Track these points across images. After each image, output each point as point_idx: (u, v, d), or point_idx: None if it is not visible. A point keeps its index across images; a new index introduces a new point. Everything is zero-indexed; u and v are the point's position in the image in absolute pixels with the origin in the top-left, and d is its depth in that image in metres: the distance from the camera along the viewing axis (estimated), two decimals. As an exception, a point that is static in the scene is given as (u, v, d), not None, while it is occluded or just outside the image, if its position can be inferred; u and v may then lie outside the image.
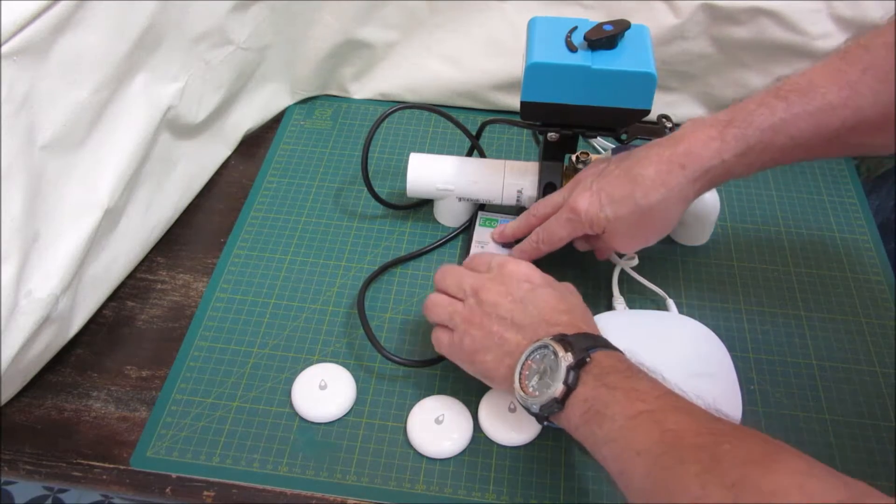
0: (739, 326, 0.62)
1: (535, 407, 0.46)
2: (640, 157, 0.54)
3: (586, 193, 0.56)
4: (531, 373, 0.47)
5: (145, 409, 0.57)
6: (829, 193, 0.73)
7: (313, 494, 0.52)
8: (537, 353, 0.47)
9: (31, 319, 0.51)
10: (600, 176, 0.56)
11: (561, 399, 0.45)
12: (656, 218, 0.55)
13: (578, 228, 0.57)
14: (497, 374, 0.50)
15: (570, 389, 0.45)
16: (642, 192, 0.53)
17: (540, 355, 0.47)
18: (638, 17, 0.63)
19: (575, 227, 0.57)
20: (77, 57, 0.52)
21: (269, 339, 0.61)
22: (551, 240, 0.59)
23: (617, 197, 0.55)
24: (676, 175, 0.52)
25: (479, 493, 0.53)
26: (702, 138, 0.52)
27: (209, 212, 0.72)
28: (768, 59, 0.71)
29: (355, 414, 0.57)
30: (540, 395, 0.46)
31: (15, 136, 0.47)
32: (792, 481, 0.35)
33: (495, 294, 0.51)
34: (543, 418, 0.47)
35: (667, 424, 0.41)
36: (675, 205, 0.54)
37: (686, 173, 0.52)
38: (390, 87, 0.81)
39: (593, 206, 0.55)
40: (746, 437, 0.39)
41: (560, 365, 0.45)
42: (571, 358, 0.45)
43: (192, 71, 0.65)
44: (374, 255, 0.67)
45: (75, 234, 0.54)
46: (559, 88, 0.57)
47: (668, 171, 0.53)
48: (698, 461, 0.38)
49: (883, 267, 0.67)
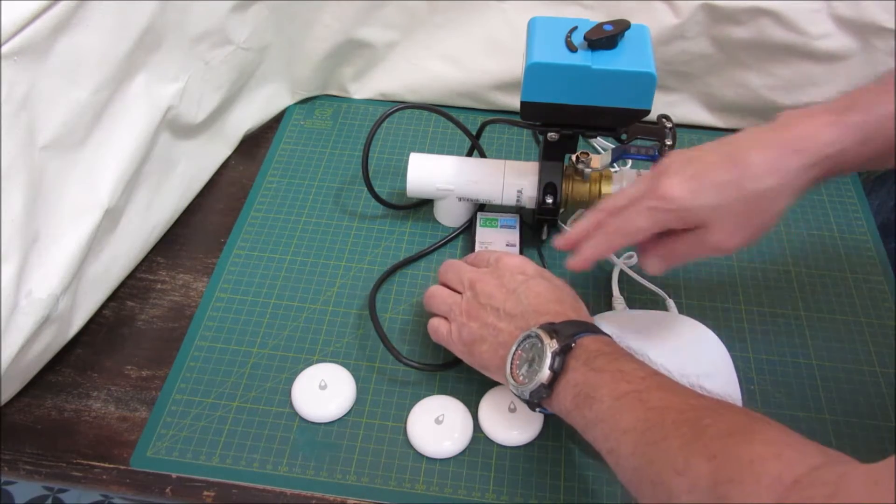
0: (739, 326, 0.62)
1: (525, 394, 0.47)
2: (742, 141, 0.49)
3: (676, 178, 0.48)
4: (521, 361, 0.49)
5: (145, 409, 0.57)
6: (829, 193, 0.73)
7: (313, 494, 0.52)
8: (526, 342, 0.49)
9: (32, 320, 0.51)
10: (690, 162, 0.49)
11: (548, 384, 0.46)
12: (764, 208, 0.48)
13: (664, 220, 0.49)
14: (492, 365, 0.52)
15: (556, 375, 0.46)
16: (751, 176, 0.47)
17: (529, 344, 0.48)
18: (638, 17, 0.63)
19: (660, 219, 0.49)
20: (77, 57, 0.52)
21: (269, 339, 0.61)
22: (627, 229, 0.50)
23: (719, 182, 0.47)
24: (790, 160, 0.47)
25: (479, 493, 0.53)
26: (817, 123, 0.47)
27: (209, 212, 0.72)
28: (768, 59, 0.71)
29: (355, 414, 0.57)
30: (529, 381, 0.47)
31: (15, 136, 0.47)
32: (770, 450, 0.36)
33: (490, 286, 0.53)
34: (535, 405, 0.48)
35: (651, 402, 0.42)
36: (786, 195, 0.48)
37: (801, 159, 0.47)
38: (390, 87, 0.81)
39: (691, 192, 0.48)
40: (727, 411, 0.41)
41: (546, 351, 0.46)
42: (556, 344, 0.46)
43: (192, 71, 0.65)
44: (374, 255, 0.67)
45: (75, 234, 0.54)
46: (559, 88, 0.57)
47: (780, 156, 0.47)
48: (681, 436, 0.39)
49: (883, 267, 0.67)
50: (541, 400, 0.47)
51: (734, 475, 0.36)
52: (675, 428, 0.40)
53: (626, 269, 0.65)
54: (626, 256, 0.65)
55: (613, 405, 0.43)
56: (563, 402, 0.46)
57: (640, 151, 0.62)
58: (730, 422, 0.39)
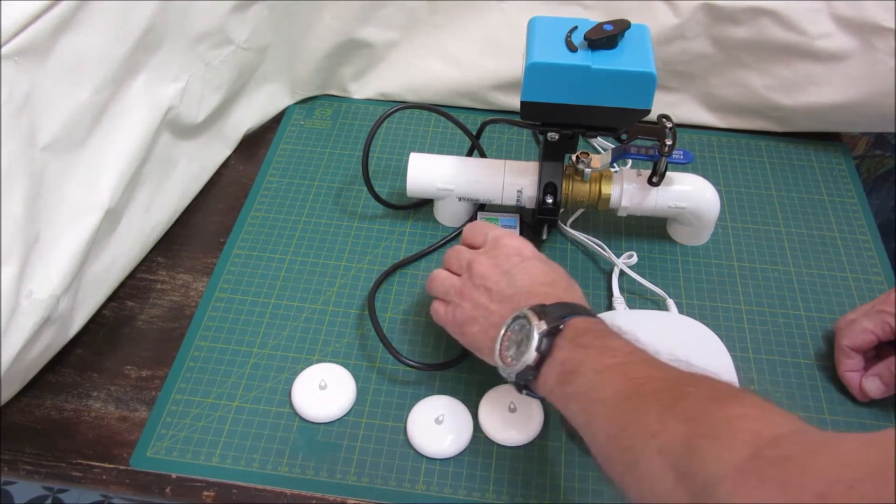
0: (739, 326, 0.62)
1: (511, 375, 0.47)
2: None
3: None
4: (510, 343, 0.48)
5: (145, 409, 0.57)
6: (829, 193, 0.73)
7: (313, 494, 0.53)
8: (515, 323, 0.48)
9: (32, 320, 0.51)
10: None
11: (535, 366, 0.46)
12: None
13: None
14: (484, 346, 0.51)
15: (543, 357, 0.45)
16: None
17: (518, 325, 0.48)
18: (638, 17, 0.63)
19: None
20: (78, 58, 0.52)
21: (269, 339, 0.61)
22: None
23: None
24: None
25: (479, 493, 0.53)
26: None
27: (209, 212, 0.72)
28: (768, 59, 0.71)
29: (355, 414, 0.57)
30: (516, 363, 0.46)
31: (16, 136, 0.47)
32: (751, 412, 0.36)
33: (486, 267, 0.53)
34: (522, 387, 0.48)
35: (633, 374, 0.42)
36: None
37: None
38: (390, 87, 0.81)
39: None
40: (711, 380, 0.40)
41: (533, 333, 0.46)
42: (545, 325, 0.46)
43: (192, 71, 0.65)
44: (374, 255, 0.67)
45: (76, 234, 0.54)
46: (559, 88, 0.57)
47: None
48: (659, 401, 0.39)
49: (883, 267, 0.67)
50: (527, 382, 0.47)
51: (709, 432, 0.35)
52: (654, 395, 0.39)
53: (626, 270, 0.65)
54: (627, 256, 0.65)
55: (595, 378, 0.43)
56: (547, 381, 0.46)
57: (640, 151, 0.62)
58: (712, 389, 0.39)
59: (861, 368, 0.57)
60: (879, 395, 0.56)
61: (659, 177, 0.62)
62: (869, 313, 0.57)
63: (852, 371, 0.57)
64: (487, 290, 0.52)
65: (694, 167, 0.74)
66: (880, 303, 0.57)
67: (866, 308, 0.58)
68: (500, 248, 0.54)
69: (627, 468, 0.38)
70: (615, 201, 0.64)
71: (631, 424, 0.39)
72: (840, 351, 0.58)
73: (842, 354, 0.58)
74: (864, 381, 0.56)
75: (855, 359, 0.57)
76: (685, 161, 0.62)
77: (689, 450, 0.35)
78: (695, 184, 0.64)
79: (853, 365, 0.57)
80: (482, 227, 0.57)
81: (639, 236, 0.69)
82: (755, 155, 0.77)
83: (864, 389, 0.56)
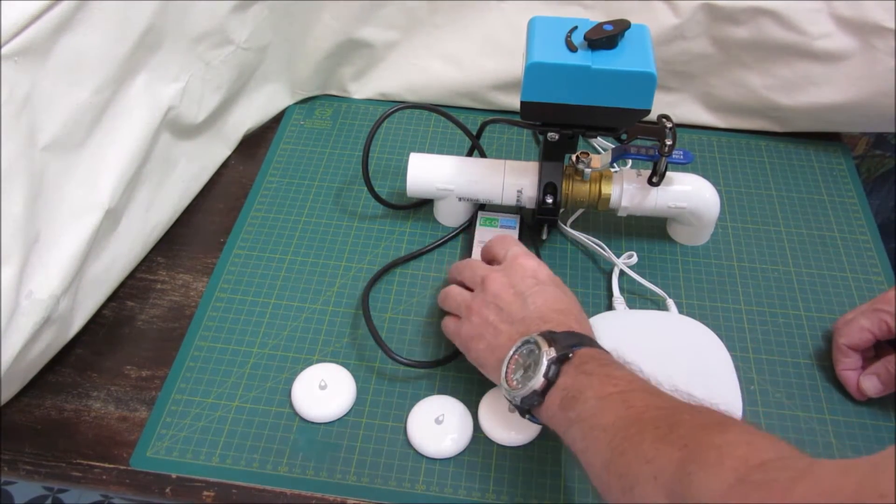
0: (739, 326, 0.62)
1: (517, 399, 0.47)
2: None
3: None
4: (517, 367, 0.48)
5: (145, 409, 0.57)
6: (829, 193, 0.73)
7: (313, 494, 0.53)
8: (524, 347, 0.48)
9: (32, 320, 0.51)
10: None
11: (541, 392, 0.46)
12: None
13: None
14: (488, 363, 0.52)
15: (550, 383, 0.46)
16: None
17: (526, 350, 0.48)
18: (638, 17, 0.63)
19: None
20: (78, 58, 0.52)
21: (269, 339, 0.61)
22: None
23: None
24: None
25: (479, 493, 0.53)
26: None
27: (209, 212, 0.72)
28: (768, 59, 0.71)
29: (355, 414, 0.57)
30: (522, 387, 0.47)
31: (16, 137, 0.47)
32: (742, 438, 0.37)
33: (499, 285, 0.53)
34: (525, 411, 0.48)
35: (632, 402, 0.42)
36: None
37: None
38: (390, 87, 0.81)
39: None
40: (705, 410, 0.41)
41: (542, 359, 0.46)
42: (554, 353, 0.46)
43: (192, 71, 0.65)
44: (374, 255, 0.67)
45: (76, 234, 0.54)
46: (559, 88, 0.57)
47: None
48: (656, 429, 0.39)
49: (883, 267, 0.67)
50: (532, 407, 0.47)
51: (700, 458, 0.36)
52: (651, 423, 0.40)
53: (626, 270, 0.65)
54: (626, 256, 0.65)
55: (597, 405, 0.43)
56: (550, 407, 0.46)
57: (640, 151, 0.62)
58: (707, 417, 0.40)
59: (859, 367, 0.58)
60: (877, 394, 0.56)
61: (659, 177, 0.62)
62: (867, 312, 0.57)
63: (850, 370, 0.57)
64: (499, 308, 0.52)
65: (694, 167, 0.74)
66: (878, 302, 0.57)
67: (864, 307, 0.58)
68: (516, 269, 0.54)
69: (623, 493, 0.39)
70: (615, 201, 0.64)
71: (628, 451, 0.40)
72: (838, 350, 0.58)
73: (839, 353, 0.58)
74: (862, 380, 0.57)
75: (853, 358, 0.57)
76: (685, 161, 0.62)
77: (681, 476, 0.36)
78: (695, 184, 0.64)
79: (851, 364, 0.57)
80: (506, 242, 0.57)
81: (639, 236, 0.69)
82: (755, 155, 0.77)
83: (862, 388, 0.56)
